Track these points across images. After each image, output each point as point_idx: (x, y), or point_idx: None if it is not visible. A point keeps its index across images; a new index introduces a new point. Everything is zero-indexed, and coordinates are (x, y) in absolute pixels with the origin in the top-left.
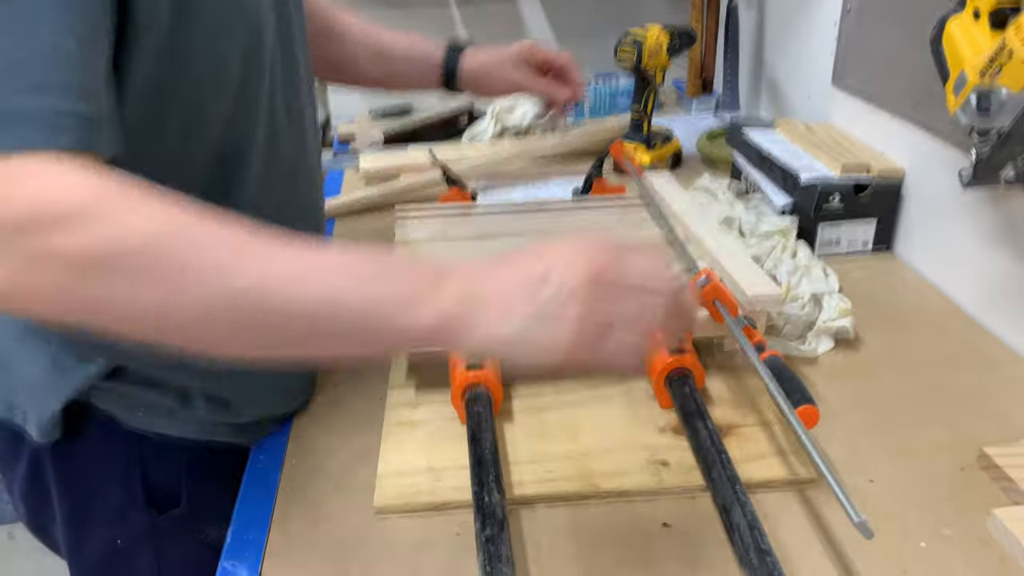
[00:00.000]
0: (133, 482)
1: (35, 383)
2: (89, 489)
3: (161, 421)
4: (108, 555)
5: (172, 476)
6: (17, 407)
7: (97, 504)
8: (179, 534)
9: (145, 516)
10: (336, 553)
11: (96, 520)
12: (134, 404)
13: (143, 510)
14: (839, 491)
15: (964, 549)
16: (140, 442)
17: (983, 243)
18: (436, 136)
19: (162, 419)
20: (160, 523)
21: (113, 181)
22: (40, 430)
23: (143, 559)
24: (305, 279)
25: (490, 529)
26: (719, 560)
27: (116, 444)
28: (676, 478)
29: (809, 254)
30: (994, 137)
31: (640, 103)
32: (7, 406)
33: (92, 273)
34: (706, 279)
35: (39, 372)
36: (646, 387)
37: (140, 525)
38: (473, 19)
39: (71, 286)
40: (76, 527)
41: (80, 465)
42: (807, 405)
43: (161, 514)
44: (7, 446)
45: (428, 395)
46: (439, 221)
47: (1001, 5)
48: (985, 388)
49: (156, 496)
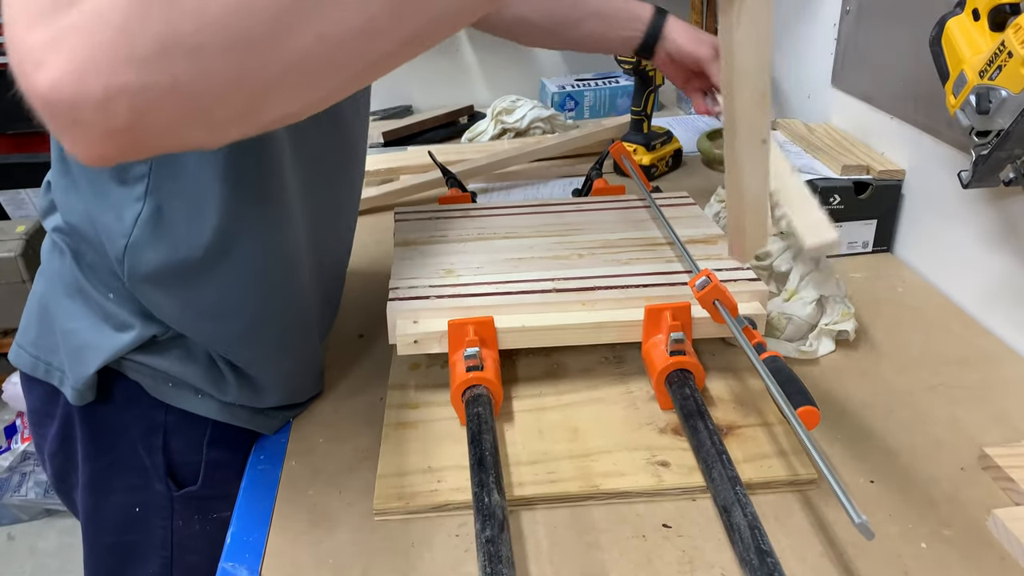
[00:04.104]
0: (155, 451)
1: (76, 344)
2: (113, 453)
3: (187, 398)
4: (123, 522)
5: (192, 450)
6: (55, 368)
7: (119, 469)
8: (195, 511)
9: (163, 487)
10: (336, 553)
11: (116, 486)
12: (164, 377)
13: (162, 481)
14: (840, 491)
15: (964, 549)
16: (166, 411)
17: (983, 243)
18: (436, 136)
19: (188, 396)
20: (177, 499)
21: None
22: (75, 393)
23: (156, 531)
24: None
25: (490, 530)
26: (719, 560)
27: (142, 411)
28: (676, 478)
29: (825, 260)
30: (994, 138)
31: (640, 103)
32: (46, 368)
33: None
34: (706, 279)
35: (82, 331)
36: (646, 387)
37: (157, 496)
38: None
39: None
40: (96, 491)
41: (106, 428)
42: (808, 406)
43: (179, 490)
44: (42, 404)
45: (428, 395)
46: (439, 221)
47: (1000, 4)
48: (985, 388)
49: (175, 469)
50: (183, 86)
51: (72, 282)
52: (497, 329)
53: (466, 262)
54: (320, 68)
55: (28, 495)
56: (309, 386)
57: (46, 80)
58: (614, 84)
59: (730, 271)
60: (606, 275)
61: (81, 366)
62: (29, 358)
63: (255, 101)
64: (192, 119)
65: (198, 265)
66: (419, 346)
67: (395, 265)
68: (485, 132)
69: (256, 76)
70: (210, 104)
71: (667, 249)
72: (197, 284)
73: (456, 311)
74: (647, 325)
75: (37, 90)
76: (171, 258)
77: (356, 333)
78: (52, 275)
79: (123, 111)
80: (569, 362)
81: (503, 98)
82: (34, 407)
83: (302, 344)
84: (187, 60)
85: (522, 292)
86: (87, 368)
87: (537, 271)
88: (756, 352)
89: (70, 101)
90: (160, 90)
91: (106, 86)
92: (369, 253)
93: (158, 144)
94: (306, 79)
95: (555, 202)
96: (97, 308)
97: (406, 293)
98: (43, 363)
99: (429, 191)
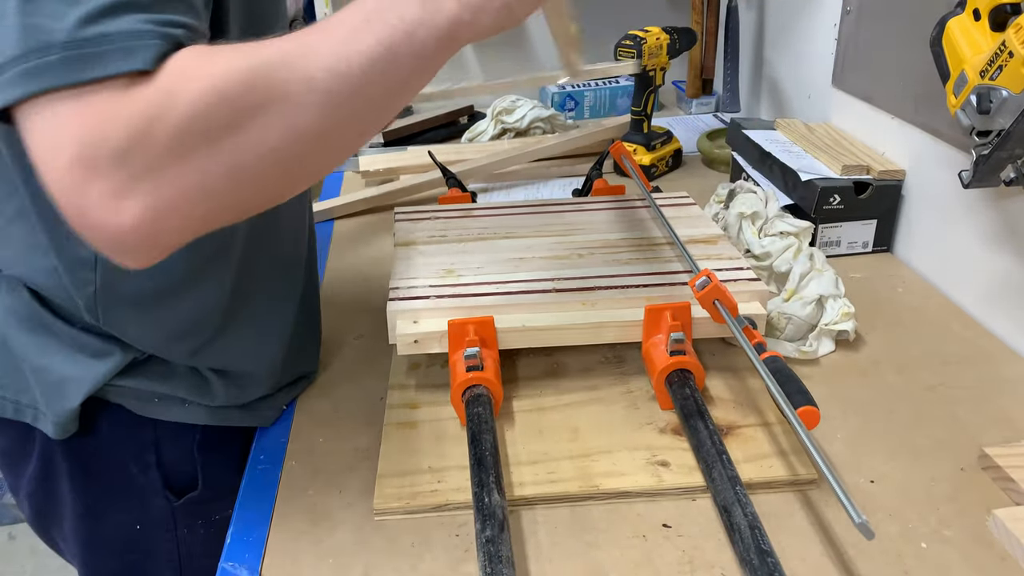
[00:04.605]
0: (148, 468)
1: (53, 379)
2: (105, 480)
3: (174, 410)
4: (125, 543)
5: (186, 457)
6: (27, 406)
7: (114, 494)
8: (197, 516)
9: (163, 501)
10: (336, 553)
11: (113, 510)
12: (148, 395)
13: (160, 495)
14: (840, 491)
15: (964, 549)
16: (154, 427)
17: (983, 243)
18: (436, 136)
19: (175, 407)
20: (178, 508)
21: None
22: (57, 427)
23: (162, 545)
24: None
25: (490, 530)
26: (719, 560)
27: (129, 433)
28: (676, 478)
29: (823, 259)
30: (994, 138)
31: (640, 103)
32: (15, 407)
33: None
34: (706, 279)
35: (56, 366)
36: (646, 387)
37: (158, 510)
38: None
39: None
40: (91, 521)
41: (94, 457)
42: (808, 406)
43: (179, 499)
44: (15, 445)
45: (428, 395)
46: (439, 221)
47: (1001, 4)
48: (985, 388)
49: (172, 480)
50: (188, 216)
51: (31, 316)
52: (497, 329)
53: (466, 262)
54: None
55: None
56: (303, 361)
57: (119, 225)
58: (614, 84)
59: (730, 271)
60: (606, 275)
61: (62, 400)
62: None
63: (224, 216)
64: (190, 229)
65: (165, 286)
66: (419, 346)
67: (395, 265)
68: (485, 132)
69: (220, 206)
70: (203, 220)
71: (667, 249)
72: (171, 304)
73: (456, 311)
74: (647, 325)
75: (108, 231)
76: (139, 287)
77: (356, 333)
78: (4, 313)
79: (163, 240)
80: (569, 362)
81: (503, 98)
82: (5, 449)
83: (279, 320)
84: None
85: (522, 292)
86: (70, 402)
87: (537, 271)
88: (756, 352)
89: (137, 241)
90: (175, 225)
91: (153, 229)
92: (369, 253)
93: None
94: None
95: (555, 202)
96: (68, 339)
97: (406, 293)
98: (10, 402)
99: (429, 191)
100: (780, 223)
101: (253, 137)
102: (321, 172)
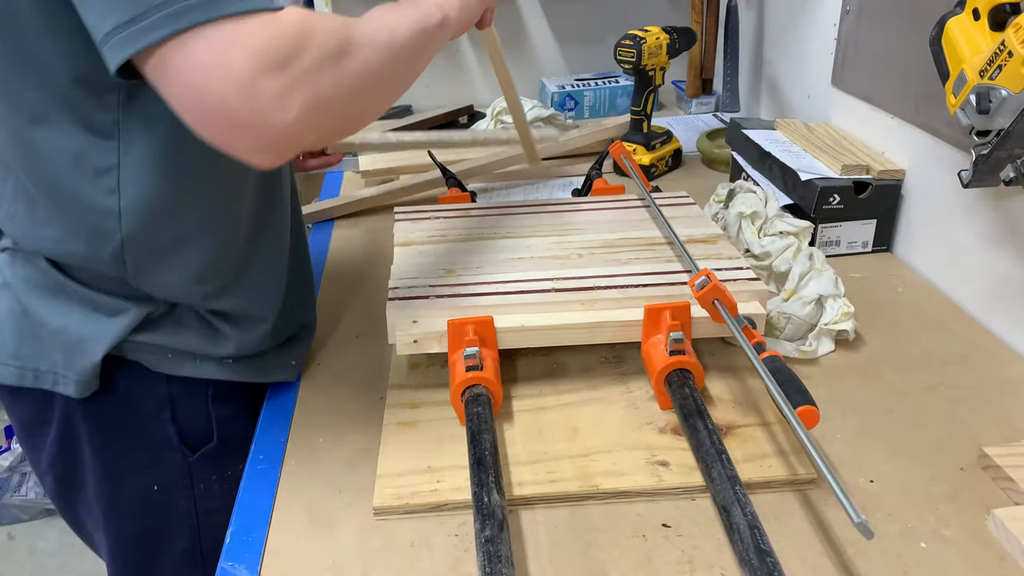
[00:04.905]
0: (164, 423)
1: (73, 338)
2: (123, 439)
3: (187, 365)
4: (145, 506)
5: (200, 412)
6: (46, 372)
7: (133, 452)
8: (212, 470)
9: (179, 457)
10: (336, 553)
11: (132, 469)
12: (162, 351)
13: (177, 451)
14: (839, 491)
15: (964, 549)
16: (168, 383)
17: (983, 243)
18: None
19: (188, 363)
20: (194, 463)
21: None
22: (79, 385)
23: (181, 502)
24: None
25: (490, 529)
26: (719, 560)
27: (146, 389)
28: (676, 478)
29: (823, 259)
30: (994, 137)
31: (640, 103)
32: (35, 374)
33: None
34: (706, 279)
35: (75, 326)
36: (646, 387)
37: (175, 467)
38: None
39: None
40: (112, 481)
41: (113, 416)
42: (807, 405)
43: (194, 453)
44: (34, 415)
45: (428, 395)
46: (439, 221)
47: (1001, 4)
48: (985, 388)
49: (187, 435)
50: (337, 118)
51: (50, 283)
52: (497, 329)
53: (466, 262)
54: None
55: (28, 495)
56: (300, 309)
57: (284, 120)
58: (614, 84)
59: (730, 271)
60: (606, 275)
61: (83, 358)
62: (13, 370)
63: (355, 123)
64: (334, 132)
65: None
66: (419, 346)
67: (395, 265)
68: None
69: (357, 112)
70: (345, 123)
71: (667, 249)
72: (192, 248)
73: (456, 311)
74: (647, 325)
75: (275, 126)
76: (161, 233)
77: (355, 333)
78: (21, 283)
79: (306, 139)
80: (569, 362)
81: (503, 98)
82: (24, 420)
83: (280, 266)
84: (339, 105)
85: (522, 292)
86: (91, 358)
87: (537, 271)
88: (756, 352)
89: (300, 133)
90: (318, 125)
91: (315, 123)
92: (368, 253)
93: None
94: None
95: (555, 202)
96: (86, 300)
97: (406, 293)
98: (30, 371)
99: (429, 191)
100: (780, 223)
101: (351, 65)
102: (385, 101)
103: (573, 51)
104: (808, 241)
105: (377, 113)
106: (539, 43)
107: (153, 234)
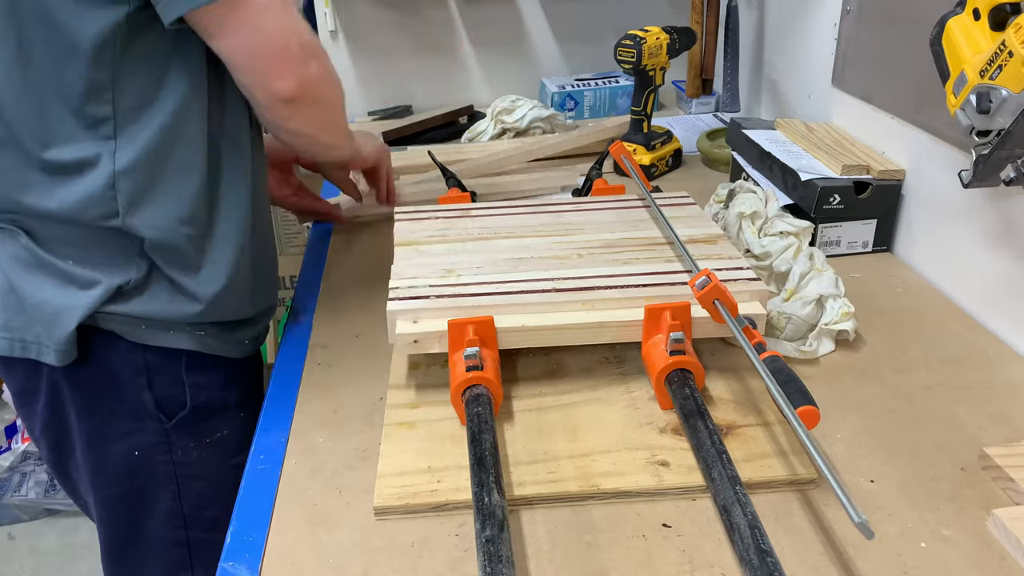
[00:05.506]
0: (141, 390)
1: (50, 310)
2: (105, 406)
3: (160, 335)
4: (128, 470)
5: (175, 380)
6: (31, 342)
7: (114, 418)
8: (189, 437)
9: (156, 423)
10: (336, 553)
11: (114, 435)
12: (135, 321)
13: (154, 418)
14: (840, 491)
15: (964, 549)
16: (144, 352)
17: (983, 243)
18: (436, 136)
19: (161, 333)
20: (171, 430)
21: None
22: (59, 354)
23: (160, 467)
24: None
25: (490, 529)
26: (719, 560)
27: (123, 358)
28: (676, 478)
29: (823, 259)
30: (994, 137)
31: (640, 103)
32: (22, 345)
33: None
34: (706, 279)
35: (52, 299)
36: (646, 387)
37: (153, 433)
38: (473, 20)
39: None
40: (97, 445)
41: (94, 384)
42: (807, 406)
43: (170, 420)
44: (25, 382)
45: (428, 395)
46: (439, 221)
47: (1001, 4)
48: (985, 388)
49: (163, 403)
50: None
51: (30, 258)
52: (497, 329)
53: (466, 262)
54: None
55: (28, 495)
56: (262, 292)
57: (315, 76)
58: (614, 84)
59: (730, 271)
60: (606, 275)
61: (60, 328)
62: (4, 341)
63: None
64: (313, 120)
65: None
66: (419, 346)
67: (395, 265)
68: (485, 132)
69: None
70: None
71: (667, 249)
72: (180, 182)
73: (456, 311)
74: (647, 325)
75: (316, 82)
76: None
77: (355, 333)
78: (6, 259)
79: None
80: (569, 362)
81: (503, 98)
82: (18, 388)
83: (245, 238)
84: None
85: (522, 292)
86: (66, 328)
87: (537, 271)
88: (756, 352)
89: (316, 94)
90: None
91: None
92: (368, 253)
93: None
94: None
95: (555, 202)
96: (61, 275)
97: (406, 293)
98: (18, 342)
99: (429, 191)
100: (780, 223)
101: (332, 78)
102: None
103: (573, 51)
104: (808, 241)
105: (317, 145)
106: (539, 43)
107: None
